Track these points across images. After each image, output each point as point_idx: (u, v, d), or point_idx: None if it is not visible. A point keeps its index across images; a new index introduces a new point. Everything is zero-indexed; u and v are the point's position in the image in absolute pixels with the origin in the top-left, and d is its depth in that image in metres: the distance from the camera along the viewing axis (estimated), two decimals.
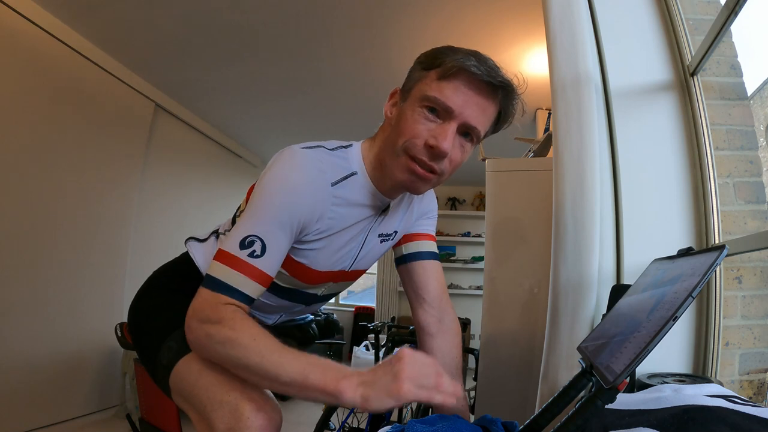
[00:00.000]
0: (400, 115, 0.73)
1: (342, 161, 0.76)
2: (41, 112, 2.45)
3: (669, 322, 0.47)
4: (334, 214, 0.74)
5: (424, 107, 0.69)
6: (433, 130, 0.69)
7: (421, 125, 0.69)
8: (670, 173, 1.08)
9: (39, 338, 2.44)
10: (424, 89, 0.70)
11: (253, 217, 0.68)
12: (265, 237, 0.67)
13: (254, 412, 0.64)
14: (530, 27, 2.28)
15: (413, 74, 0.74)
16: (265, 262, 0.68)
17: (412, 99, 0.72)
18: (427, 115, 0.69)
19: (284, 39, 2.57)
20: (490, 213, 1.83)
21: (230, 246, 0.67)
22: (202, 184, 4.02)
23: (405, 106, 0.72)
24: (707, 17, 1.17)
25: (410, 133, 0.70)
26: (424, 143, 0.69)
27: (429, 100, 0.69)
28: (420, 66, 0.73)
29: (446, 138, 0.68)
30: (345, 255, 0.82)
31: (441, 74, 0.69)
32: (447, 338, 0.91)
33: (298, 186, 0.69)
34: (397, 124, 0.72)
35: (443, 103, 0.68)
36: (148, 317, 0.86)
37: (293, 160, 0.70)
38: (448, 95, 0.68)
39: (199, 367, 0.71)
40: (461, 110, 0.68)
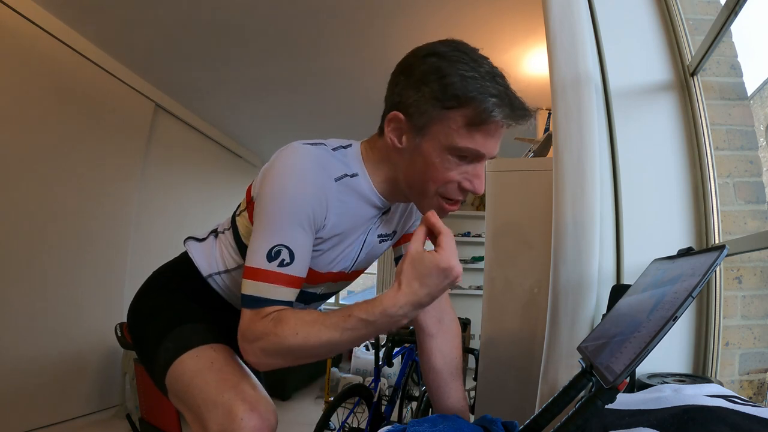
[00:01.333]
0: (423, 157, 0.69)
1: (342, 162, 0.75)
2: (41, 112, 2.44)
3: (669, 322, 0.47)
4: (339, 210, 0.73)
5: (456, 155, 0.68)
6: (467, 173, 0.70)
7: (453, 171, 0.69)
8: (670, 173, 1.08)
9: (39, 338, 2.44)
10: (451, 138, 0.66)
11: (271, 224, 0.67)
12: (289, 243, 0.67)
13: (248, 412, 0.65)
14: (530, 27, 2.28)
15: (426, 108, 0.67)
16: (296, 268, 0.68)
17: (436, 143, 0.68)
18: (458, 162, 0.69)
19: (284, 39, 2.57)
20: (490, 213, 1.83)
21: (258, 261, 0.67)
22: (202, 184, 4.02)
23: (427, 147, 0.69)
24: (707, 17, 1.17)
25: (443, 180, 0.70)
26: (458, 186, 0.71)
27: (461, 151, 0.67)
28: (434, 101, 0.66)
29: (481, 180, 0.70)
30: (345, 256, 0.82)
31: (470, 122, 0.65)
32: (447, 338, 0.91)
33: (304, 180, 0.68)
34: (424, 167, 0.70)
35: (476, 151, 0.68)
36: (147, 317, 0.86)
37: (296, 157, 0.69)
38: (480, 144, 0.67)
39: (195, 368, 0.71)
40: (491, 152, 0.70)
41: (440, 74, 0.65)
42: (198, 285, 0.88)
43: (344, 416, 2.08)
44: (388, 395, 2.26)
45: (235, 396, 0.66)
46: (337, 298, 5.84)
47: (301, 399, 3.54)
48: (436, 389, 0.88)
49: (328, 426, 1.85)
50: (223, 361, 0.74)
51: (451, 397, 0.87)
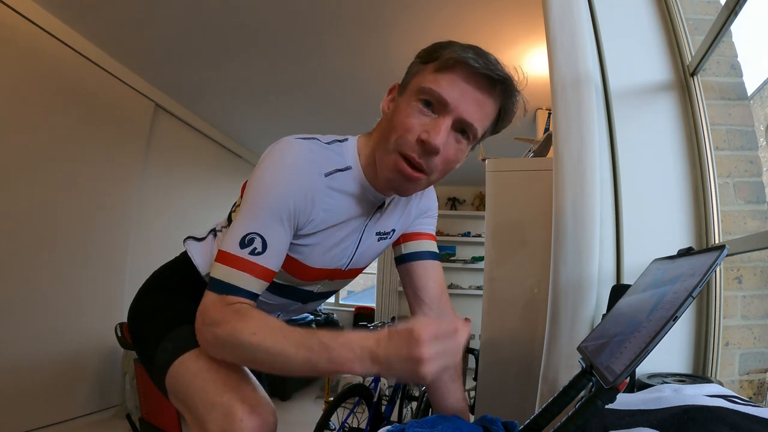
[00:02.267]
0: (395, 109, 0.71)
1: (336, 155, 0.74)
2: (41, 112, 2.44)
3: (669, 322, 0.47)
4: (328, 205, 0.73)
5: (420, 100, 0.67)
6: (427, 124, 0.66)
7: (414, 119, 0.67)
8: (670, 173, 1.08)
9: (39, 338, 2.44)
10: (419, 81, 0.68)
11: (250, 213, 0.68)
12: (264, 233, 0.67)
13: (247, 414, 0.64)
14: (530, 27, 2.28)
15: (411, 69, 0.72)
16: (267, 258, 0.67)
17: (408, 93, 0.70)
18: (421, 108, 0.67)
19: (284, 39, 2.57)
20: (490, 213, 1.83)
21: (230, 246, 0.67)
22: (202, 184, 4.02)
23: (401, 100, 0.71)
24: (707, 17, 1.17)
25: (403, 127, 0.67)
26: (416, 138, 0.66)
27: (424, 92, 0.66)
28: (418, 60, 0.71)
29: (439, 132, 0.65)
30: (340, 253, 0.82)
31: (438, 66, 0.67)
32: None
33: (289, 174, 0.68)
34: (392, 118, 0.70)
35: (438, 94, 0.65)
36: (146, 317, 0.86)
37: (284, 151, 0.69)
38: (443, 87, 0.65)
39: (194, 368, 0.71)
40: (457, 104, 0.66)
41: (433, 46, 0.70)
42: (197, 284, 0.88)
43: (344, 416, 2.08)
44: (388, 395, 2.26)
45: (234, 397, 0.66)
46: (337, 297, 5.84)
47: (301, 399, 3.54)
48: (436, 390, 0.88)
49: (328, 426, 1.85)
50: (222, 362, 0.74)
51: (450, 398, 0.87)
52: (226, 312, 0.64)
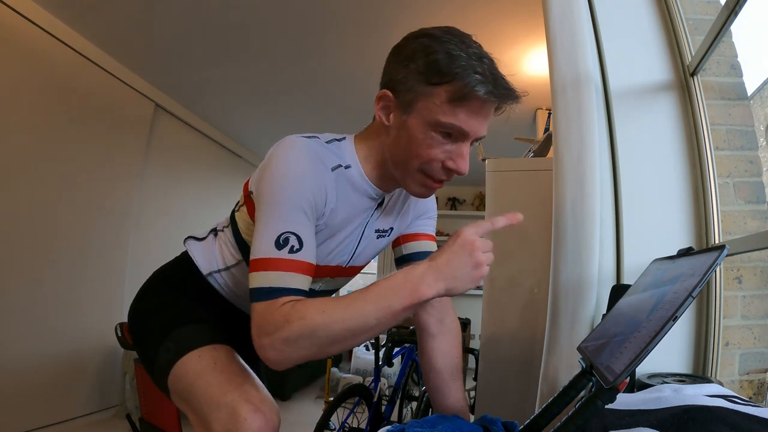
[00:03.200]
0: (408, 133, 0.70)
1: (335, 153, 0.75)
2: (41, 112, 2.44)
3: (669, 322, 0.47)
4: (337, 198, 0.74)
5: (439, 132, 0.68)
6: (450, 152, 0.70)
7: (437, 149, 0.69)
8: (670, 173, 1.08)
9: (39, 338, 2.44)
10: (435, 114, 0.67)
11: (275, 213, 0.66)
12: (296, 229, 0.66)
13: (251, 413, 0.64)
14: (530, 27, 2.28)
15: (412, 84, 0.68)
16: (306, 253, 0.66)
17: (420, 120, 0.68)
18: (441, 139, 0.69)
19: (284, 39, 2.56)
20: (490, 213, 1.83)
21: (265, 251, 0.64)
22: (202, 184, 4.02)
23: (412, 124, 0.69)
24: (707, 17, 1.17)
25: (426, 156, 0.70)
26: (441, 165, 0.71)
27: (444, 126, 0.67)
28: (422, 77, 0.67)
29: (464, 160, 0.70)
30: (343, 250, 0.82)
31: (453, 97, 0.66)
32: (447, 338, 0.91)
33: (303, 168, 0.68)
34: (408, 143, 0.70)
35: (459, 128, 0.67)
36: (147, 318, 0.86)
37: (292, 148, 0.70)
38: (463, 120, 0.67)
39: (197, 368, 0.71)
40: (475, 132, 0.69)
41: (427, 52, 0.67)
42: (199, 284, 0.88)
43: (344, 416, 2.08)
44: (388, 395, 2.26)
45: (239, 397, 0.66)
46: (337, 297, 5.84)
47: (301, 399, 3.54)
48: (436, 389, 0.88)
49: (328, 426, 1.85)
50: (225, 362, 0.74)
51: (451, 397, 0.87)
52: (282, 313, 0.61)
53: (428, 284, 0.59)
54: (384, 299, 0.59)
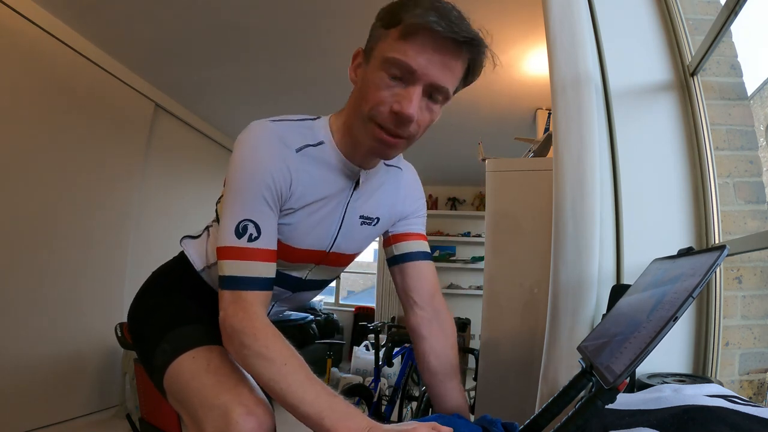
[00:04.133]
0: (363, 79, 0.71)
1: (307, 130, 0.75)
2: (41, 112, 2.44)
3: (669, 323, 0.47)
4: (304, 181, 0.74)
5: (387, 71, 0.66)
6: (398, 94, 0.66)
7: (384, 91, 0.67)
8: (670, 173, 1.08)
9: (39, 338, 2.44)
10: (385, 51, 0.66)
11: (235, 201, 0.68)
12: (254, 216, 0.68)
13: (244, 416, 0.64)
14: (530, 27, 2.28)
15: (374, 32, 0.70)
16: (265, 240, 0.68)
17: (374, 61, 0.68)
18: (390, 81, 0.66)
19: (284, 39, 2.56)
20: (490, 213, 1.83)
21: (227, 239, 0.68)
22: (202, 184, 4.02)
23: (368, 70, 0.70)
24: (707, 17, 1.17)
25: (375, 99, 0.67)
26: (389, 109, 0.67)
27: (390, 62, 0.65)
28: (380, 23, 0.69)
29: (411, 102, 0.65)
30: (324, 232, 0.81)
31: (401, 33, 0.65)
32: (440, 339, 0.89)
33: (262, 153, 0.69)
34: (362, 89, 0.70)
35: (405, 64, 0.64)
36: (145, 319, 0.86)
37: (252, 133, 0.71)
38: (410, 56, 0.64)
39: (192, 370, 0.70)
40: (425, 71, 0.65)
41: (394, 6, 0.67)
42: (195, 282, 0.88)
43: None
44: (388, 395, 2.26)
45: (231, 399, 0.66)
46: (337, 298, 5.84)
47: None
48: (434, 390, 0.88)
49: None
50: (219, 363, 0.74)
51: (449, 397, 0.86)
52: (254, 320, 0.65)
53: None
54: (328, 410, 0.59)
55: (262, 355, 0.63)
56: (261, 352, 0.63)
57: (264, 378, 0.63)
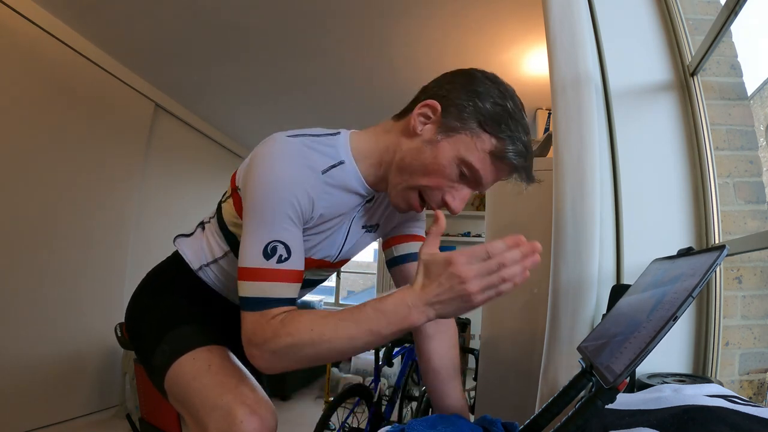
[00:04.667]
0: (434, 152, 0.70)
1: (329, 149, 0.74)
2: (41, 112, 2.44)
3: (669, 322, 0.47)
4: (326, 202, 0.73)
5: (461, 169, 0.70)
6: (454, 189, 0.71)
7: (447, 180, 0.70)
8: (670, 173, 1.08)
9: (39, 338, 2.44)
10: (470, 153, 0.69)
11: (262, 221, 0.66)
12: (284, 237, 0.66)
13: (247, 415, 0.64)
14: (530, 27, 2.28)
15: (468, 117, 0.68)
16: (294, 261, 0.67)
17: (454, 149, 0.69)
18: (457, 175, 0.70)
19: (285, 39, 2.56)
20: (490, 212, 1.83)
21: (253, 260, 0.65)
22: (202, 184, 4.02)
23: (443, 147, 0.69)
24: (707, 17, 1.17)
25: (436, 182, 0.70)
26: (441, 197, 0.71)
27: (470, 168, 0.69)
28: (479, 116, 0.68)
29: (462, 204, 0.72)
30: (330, 245, 0.82)
31: (493, 151, 0.68)
32: (443, 339, 0.90)
33: (289, 175, 0.67)
34: (429, 160, 0.70)
35: (480, 177, 0.70)
36: (142, 319, 0.86)
37: (280, 151, 0.69)
38: (486, 173, 0.70)
39: (193, 370, 0.70)
40: (485, 186, 0.72)
41: (495, 102, 0.69)
42: (191, 281, 0.88)
43: (344, 416, 2.08)
44: (388, 395, 2.26)
45: (234, 399, 0.66)
46: (337, 297, 5.84)
47: (301, 399, 3.54)
48: (435, 390, 0.88)
49: (328, 426, 1.85)
50: (220, 363, 0.74)
51: (450, 398, 0.87)
52: (273, 326, 0.62)
53: (419, 313, 0.58)
54: (373, 323, 0.59)
55: (292, 345, 0.61)
56: (289, 343, 0.61)
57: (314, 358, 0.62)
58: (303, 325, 0.61)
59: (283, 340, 0.60)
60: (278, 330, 0.61)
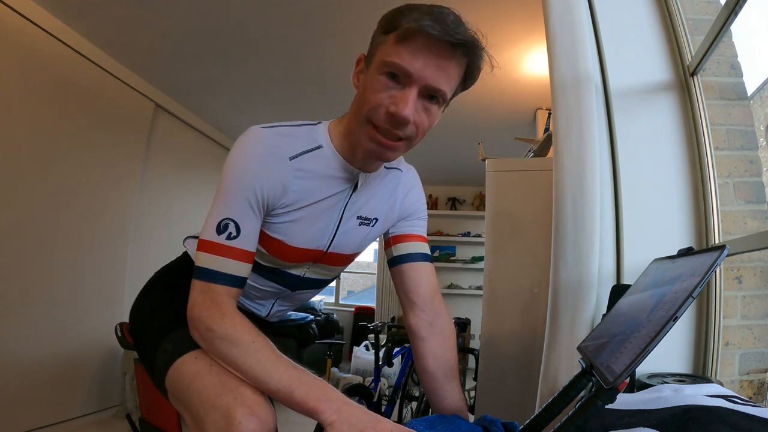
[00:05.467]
0: (364, 83, 0.73)
1: (305, 135, 0.78)
2: (41, 112, 2.44)
3: (669, 322, 0.47)
4: (298, 186, 0.76)
5: (385, 74, 0.68)
6: (394, 96, 0.68)
7: (382, 93, 0.68)
8: (670, 173, 1.08)
9: (39, 338, 2.44)
10: (383, 55, 0.68)
11: (222, 201, 0.72)
12: (236, 217, 0.71)
13: (246, 416, 0.64)
14: (530, 27, 2.28)
15: (374, 39, 0.72)
16: (243, 241, 0.72)
17: (373, 66, 0.70)
18: (387, 82, 0.68)
19: (284, 39, 2.57)
20: (490, 213, 1.83)
21: (208, 233, 0.71)
22: (202, 184, 4.02)
23: (368, 74, 0.72)
24: (707, 17, 1.17)
25: (372, 101, 0.69)
26: (385, 111, 0.68)
27: (388, 65, 0.67)
28: (380, 30, 0.71)
29: (406, 104, 0.67)
30: (320, 232, 0.82)
31: (398, 37, 0.67)
32: (439, 341, 0.89)
33: (254, 163, 0.72)
34: (362, 92, 0.72)
35: (402, 67, 0.66)
36: (147, 319, 0.86)
37: (247, 140, 0.73)
38: (406, 59, 0.66)
39: (194, 370, 0.70)
40: (420, 73, 0.67)
41: (393, 13, 0.70)
42: None
43: None
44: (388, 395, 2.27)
45: (233, 399, 0.66)
46: (337, 298, 5.85)
47: None
48: (432, 392, 0.88)
49: None
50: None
51: (447, 399, 0.86)
52: (223, 306, 0.68)
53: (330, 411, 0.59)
54: (296, 383, 0.62)
55: (227, 336, 0.65)
56: (226, 333, 0.65)
57: (230, 358, 0.65)
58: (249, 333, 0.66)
59: (225, 327, 0.66)
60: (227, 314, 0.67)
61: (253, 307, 0.94)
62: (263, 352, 0.64)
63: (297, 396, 0.61)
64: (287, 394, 0.61)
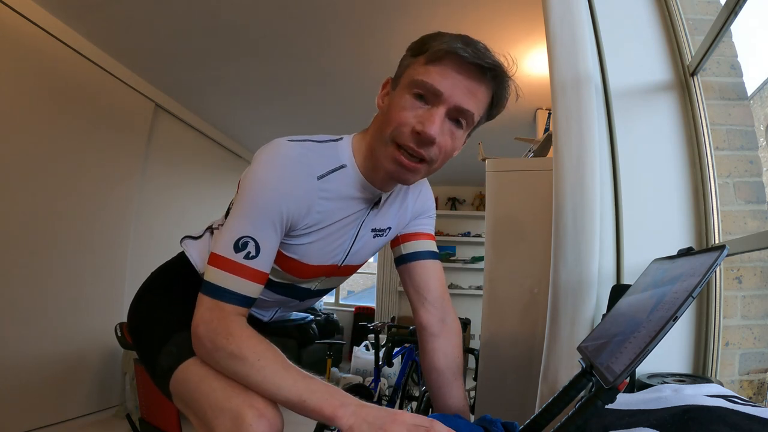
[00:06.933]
0: (390, 104, 0.72)
1: (330, 154, 0.75)
2: (41, 112, 2.44)
3: (669, 322, 0.47)
4: (322, 207, 0.73)
5: (413, 93, 0.68)
6: (421, 116, 0.67)
7: (408, 112, 0.68)
8: (670, 173, 1.08)
9: (39, 338, 2.44)
10: (412, 74, 0.68)
11: (245, 217, 0.68)
12: (257, 236, 0.68)
13: (256, 418, 0.64)
14: (530, 27, 2.28)
15: (403, 62, 0.73)
16: (261, 262, 0.69)
17: (401, 86, 0.70)
18: (414, 101, 0.68)
19: (284, 39, 2.56)
20: (490, 213, 1.83)
21: (224, 249, 0.68)
22: (202, 184, 4.02)
23: (394, 95, 0.71)
24: (707, 17, 1.17)
25: (398, 120, 0.68)
26: (411, 130, 0.67)
27: (417, 85, 0.67)
28: (409, 53, 0.72)
29: (433, 123, 0.66)
30: (336, 249, 0.81)
31: (428, 59, 0.67)
32: (449, 338, 0.90)
33: (282, 182, 0.68)
34: (387, 112, 0.71)
35: (431, 86, 0.66)
36: (147, 320, 0.85)
37: (276, 156, 0.70)
38: (435, 78, 0.66)
39: (201, 373, 0.70)
40: (450, 93, 0.66)
41: (422, 38, 0.71)
42: (196, 283, 0.87)
43: None
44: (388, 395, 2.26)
45: (243, 402, 0.66)
46: (337, 297, 5.84)
47: None
48: (438, 389, 0.88)
49: (329, 426, 1.85)
50: None
51: (452, 397, 0.87)
52: (230, 324, 0.65)
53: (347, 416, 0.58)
54: (307, 392, 0.61)
55: (235, 354, 0.63)
56: (234, 351, 0.63)
57: (239, 375, 0.64)
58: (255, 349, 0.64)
59: (232, 347, 0.63)
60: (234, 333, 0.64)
61: (257, 314, 0.93)
62: (271, 367, 0.63)
63: (310, 405, 0.60)
64: (299, 403, 0.60)
